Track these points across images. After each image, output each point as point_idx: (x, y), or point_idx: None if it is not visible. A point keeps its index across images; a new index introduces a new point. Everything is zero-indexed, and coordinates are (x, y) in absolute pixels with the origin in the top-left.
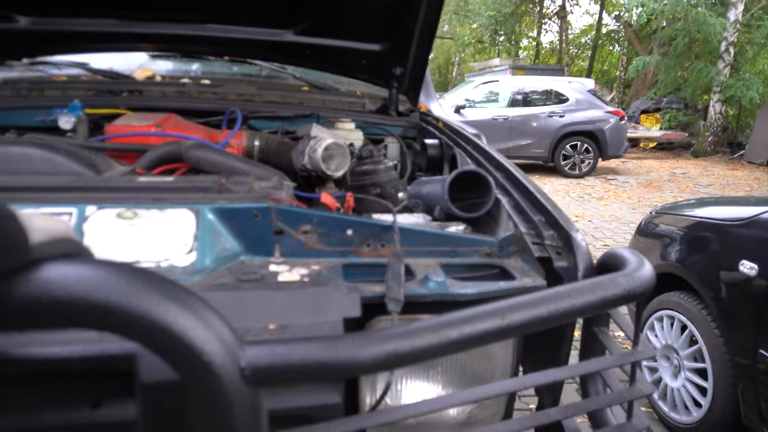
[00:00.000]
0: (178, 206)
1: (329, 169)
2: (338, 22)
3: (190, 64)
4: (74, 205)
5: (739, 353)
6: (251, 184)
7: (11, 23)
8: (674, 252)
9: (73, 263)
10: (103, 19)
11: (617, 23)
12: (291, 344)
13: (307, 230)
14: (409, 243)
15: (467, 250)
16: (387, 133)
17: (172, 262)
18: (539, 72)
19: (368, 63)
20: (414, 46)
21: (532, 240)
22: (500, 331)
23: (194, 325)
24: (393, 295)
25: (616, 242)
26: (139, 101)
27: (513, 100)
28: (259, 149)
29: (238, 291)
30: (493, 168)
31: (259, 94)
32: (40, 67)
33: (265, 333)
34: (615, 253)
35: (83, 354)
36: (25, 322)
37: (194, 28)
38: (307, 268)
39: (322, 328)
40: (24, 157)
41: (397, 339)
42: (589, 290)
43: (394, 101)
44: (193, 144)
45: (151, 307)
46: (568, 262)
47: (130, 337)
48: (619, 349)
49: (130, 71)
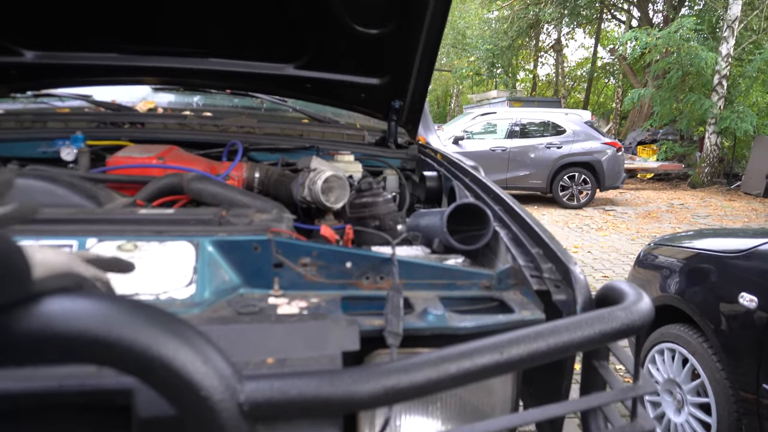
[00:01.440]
0: (178, 239)
1: (329, 201)
2: (338, 57)
3: (192, 96)
4: (75, 237)
5: (743, 387)
6: (251, 217)
7: (17, 57)
8: (674, 284)
9: (74, 297)
10: (107, 53)
11: (612, 56)
12: (289, 379)
13: (307, 263)
14: (407, 275)
15: (466, 283)
16: (386, 165)
17: (172, 294)
18: (536, 104)
19: (367, 96)
20: (413, 80)
21: (530, 273)
22: (499, 365)
23: (193, 360)
24: (392, 328)
25: (616, 273)
26: (141, 133)
27: (511, 131)
28: (260, 181)
29: (236, 324)
30: (491, 200)
31: (259, 127)
32: (43, 99)
33: (263, 367)
34: (613, 286)
35: (80, 389)
36: (26, 357)
37: (197, 62)
38: (306, 300)
39: (320, 362)
40: (25, 188)
41: (396, 374)
42: (587, 324)
43: (393, 134)
44: (194, 176)
45: (150, 342)
46: (567, 296)
47: (128, 372)
48: (620, 384)
49: (133, 103)
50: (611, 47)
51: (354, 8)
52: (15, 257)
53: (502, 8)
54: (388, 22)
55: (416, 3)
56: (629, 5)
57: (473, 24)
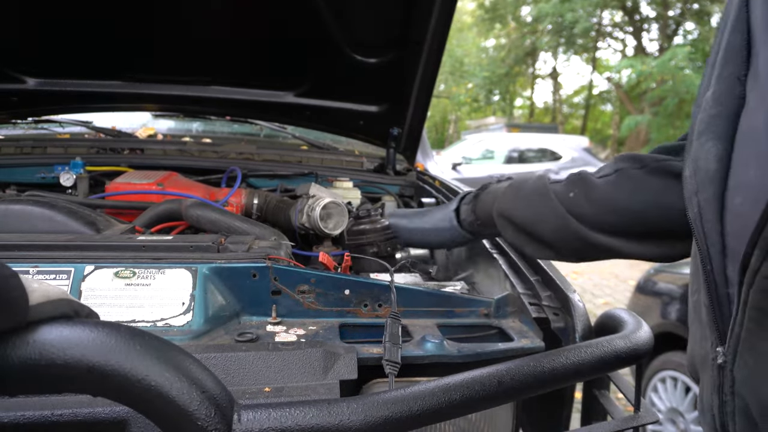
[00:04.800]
0: (176, 266)
1: (327, 228)
2: (337, 85)
3: (192, 123)
4: (72, 264)
5: None
6: (250, 244)
7: (19, 84)
8: (674, 311)
9: (71, 325)
10: (108, 81)
11: (609, 83)
12: (286, 408)
13: (305, 290)
14: (406, 303)
15: (464, 311)
16: (384, 191)
17: (169, 321)
18: (534, 130)
19: (366, 123)
20: (411, 107)
21: (529, 300)
22: (499, 394)
23: (189, 389)
24: (390, 357)
25: (616, 300)
26: (141, 159)
27: (509, 157)
28: (258, 207)
29: (234, 352)
30: None
31: (258, 153)
32: (44, 125)
33: (260, 396)
34: (612, 314)
35: (73, 418)
36: (19, 386)
37: (198, 89)
38: (304, 328)
39: (318, 391)
40: (23, 214)
41: (394, 404)
42: (587, 353)
43: (391, 160)
44: (193, 203)
45: (146, 371)
46: (566, 324)
47: (124, 401)
48: (620, 413)
49: (133, 130)
50: (608, 75)
51: (354, 38)
52: (11, 283)
53: (499, 37)
54: (387, 52)
55: (415, 33)
56: (624, 34)
57: (471, 52)
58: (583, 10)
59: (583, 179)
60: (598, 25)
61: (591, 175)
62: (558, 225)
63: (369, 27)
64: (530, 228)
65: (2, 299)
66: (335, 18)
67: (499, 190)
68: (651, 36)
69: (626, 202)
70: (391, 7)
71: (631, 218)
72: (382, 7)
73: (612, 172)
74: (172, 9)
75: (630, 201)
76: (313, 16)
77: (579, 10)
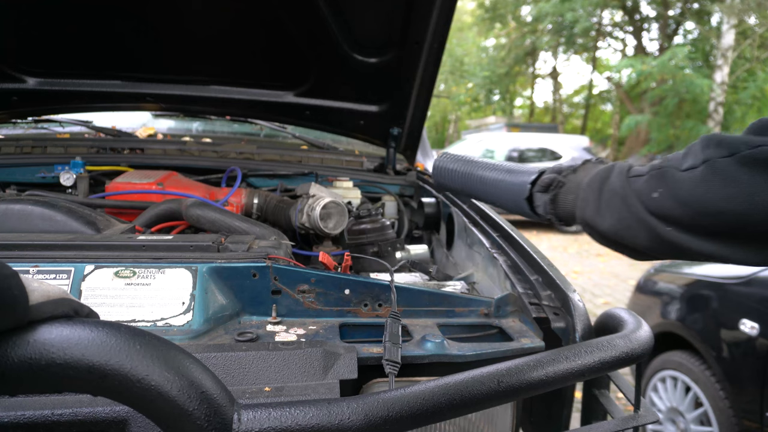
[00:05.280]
0: (176, 265)
1: (327, 228)
2: (337, 85)
3: (192, 122)
4: (72, 263)
5: (746, 416)
6: (250, 244)
7: (19, 83)
8: (674, 310)
9: (71, 324)
10: (109, 81)
11: (609, 83)
12: (286, 408)
13: (305, 290)
14: (406, 302)
15: (465, 310)
16: (384, 191)
17: (169, 321)
18: (534, 129)
19: (366, 123)
20: (411, 107)
21: (529, 300)
22: (498, 394)
23: (189, 389)
24: (390, 356)
25: (617, 299)
26: (141, 159)
27: (509, 157)
28: (258, 207)
29: (234, 352)
30: (489, 227)
31: (258, 153)
32: (44, 125)
33: (260, 395)
34: (612, 313)
35: (73, 418)
36: (20, 385)
37: (198, 89)
38: (304, 328)
39: (318, 390)
40: (23, 214)
41: (394, 403)
42: (586, 353)
43: (391, 160)
44: (193, 202)
45: (147, 371)
46: (566, 323)
47: (124, 401)
48: (620, 413)
49: (133, 129)
50: (608, 75)
51: (354, 38)
52: (11, 282)
53: (499, 36)
54: (387, 51)
55: (415, 33)
56: (624, 33)
57: (471, 51)
58: (583, 10)
59: (666, 175)
60: (598, 24)
61: (674, 169)
62: (649, 237)
63: (369, 27)
64: (619, 239)
65: (2, 299)
66: (335, 17)
67: (579, 188)
68: (651, 35)
69: (719, 203)
70: (391, 7)
71: (729, 220)
72: (382, 6)
73: (699, 163)
74: (172, 9)
75: (724, 201)
76: (314, 15)
77: (579, 9)
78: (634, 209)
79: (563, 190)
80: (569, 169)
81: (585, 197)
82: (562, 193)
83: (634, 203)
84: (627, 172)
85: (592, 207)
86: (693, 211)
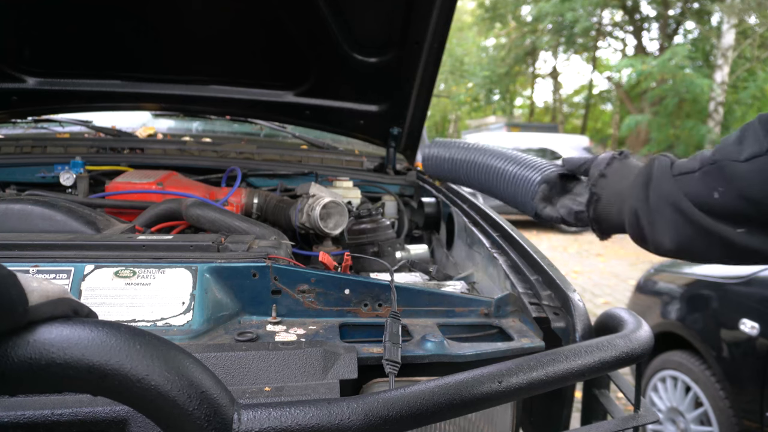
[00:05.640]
0: (176, 265)
1: (327, 228)
2: (337, 84)
3: (192, 122)
4: (72, 263)
5: (746, 416)
6: (250, 243)
7: (18, 83)
8: (674, 310)
9: (71, 324)
10: (108, 81)
11: (609, 83)
12: (286, 408)
13: (305, 289)
14: (406, 302)
15: (465, 310)
16: (384, 191)
17: (169, 321)
18: (534, 129)
19: (366, 123)
20: (411, 107)
21: (529, 300)
22: (498, 394)
23: (190, 389)
24: (390, 356)
25: (617, 299)
26: (141, 158)
27: None
28: (258, 207)
29: (234, 351)
30: (489, 227)
31: (258, 153)
32: (44, 124)
33: (260, 395)
34: (612, 313)
35: (73, 418)
36: (19, 385)
37: (198, 89)
38: (304, 328)
39: (318, 390)
40: (23, 214)
41: (394, 403)
42: (587, 353)
43: (391, 160)
44: (193, 202)
45: (148, 371)
46: (566, 323)
47: (124, 401)
48: (620, 413)
49: (133, 129)
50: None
51: (354, 37)
52: (8, 284)
53: (500, 36)
54: (387, 51)
55: (415, 33)
56: (624, 33)
57: (471, 51)
58: (583, 10)
59: (725, 169)
60: (598, 24)
61: (732, 161)
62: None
63: (369, 26)
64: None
65: (1, 302)
66: (335, 17)
67: (621, 199)
68: (651, 35)
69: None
70: (391, 7)
71: None
72: (382, 6)
73: (765, 150)
74: (172, 9)
75: None
76: (314, 15)
77: (579, 9)
78: (694, 217)
79: (601, 205)
80: (597, 174)
81: (633, 210)
82: (601, 207)
83: (691, 210)
84: (671, 169)
85: (645, 221)
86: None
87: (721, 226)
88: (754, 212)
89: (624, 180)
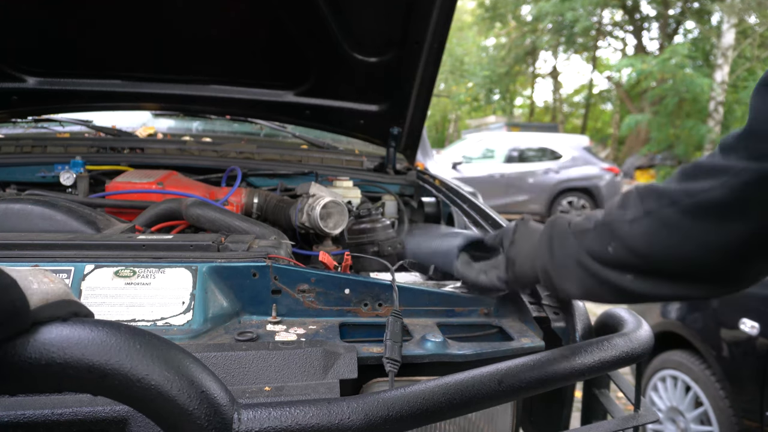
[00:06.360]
0: (176, 265)
1: (327, 227)
2: (337, 84)
3: (192, 122)
4: (72, 263)
5: (746, 415)
6: (250, 243)
7: (19, 83)
8: (674, 310)
9: (70, 324)
10: (109, 80)
11: (609, 82)
12: (286, 408)
13: (305, 289)
14: (406, 302)
15: (465, 310)
16: (384, 191)
17: (169, 320)
18: (534, 129)
19: (366, 122)
20: (411, 107)
21: (529, 300)
22: (499, 393)
23: (189, 389)
24: (390, 356)
25: None
26: (141, 158)
27: (509, 156)
28: (258, 206)
29: (234, 351)
30: (489, 226)
31: (258, 152)
32: (44, 124)
33: (260, 395)
34: (613, 313)
35: (73, 417)
36: (20, 386)
37: (198, 88)
38: (305, 327)
39: (318, 390)
40: (23, 213)
41: (394, 403)
42: (587, 352)
43: (391, 159)
44: (193, 202)
45: (148, 371)
46: (566, 323)
47: (124, 400)
48: (620, 412)
49: (133, 129)
50: (608, 74)
51: (354, 37)
52: (11, 292)
53: (500, 36)
54: (387, 51)
55: (415, 32)
56: (625, 33)
57: (471, 51)
58: (583, 9)
59: (612, 228)
60: (598, 24)
61: (618, 221)
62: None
63: (369, 26)
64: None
65: (4, 310)
66: (335, 17)
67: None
68: (651, 35)
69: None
70: (391, 7)
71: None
72: (382, 6)
73: (641, 215)
74: (171, 8)
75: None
76: (313, 15)
77: (579, 9)
78: (593, 269)
79: (517, 266)
80: (508, 243)
81: (542, 268)
82: (518, 268)
83: (591, 263)
84: (569, 227)
85: (554, 275)
86: (649, 259)
87: (614, 274)
88: (641, 263)
89: (529, 241)
